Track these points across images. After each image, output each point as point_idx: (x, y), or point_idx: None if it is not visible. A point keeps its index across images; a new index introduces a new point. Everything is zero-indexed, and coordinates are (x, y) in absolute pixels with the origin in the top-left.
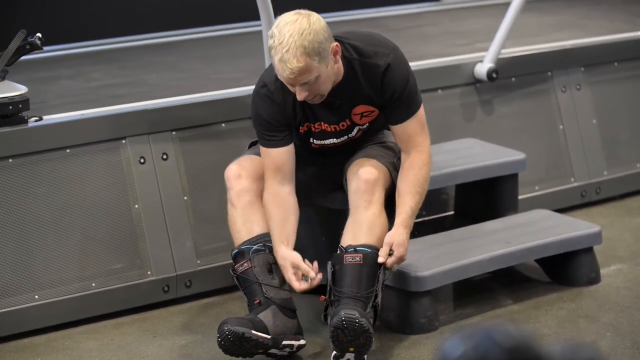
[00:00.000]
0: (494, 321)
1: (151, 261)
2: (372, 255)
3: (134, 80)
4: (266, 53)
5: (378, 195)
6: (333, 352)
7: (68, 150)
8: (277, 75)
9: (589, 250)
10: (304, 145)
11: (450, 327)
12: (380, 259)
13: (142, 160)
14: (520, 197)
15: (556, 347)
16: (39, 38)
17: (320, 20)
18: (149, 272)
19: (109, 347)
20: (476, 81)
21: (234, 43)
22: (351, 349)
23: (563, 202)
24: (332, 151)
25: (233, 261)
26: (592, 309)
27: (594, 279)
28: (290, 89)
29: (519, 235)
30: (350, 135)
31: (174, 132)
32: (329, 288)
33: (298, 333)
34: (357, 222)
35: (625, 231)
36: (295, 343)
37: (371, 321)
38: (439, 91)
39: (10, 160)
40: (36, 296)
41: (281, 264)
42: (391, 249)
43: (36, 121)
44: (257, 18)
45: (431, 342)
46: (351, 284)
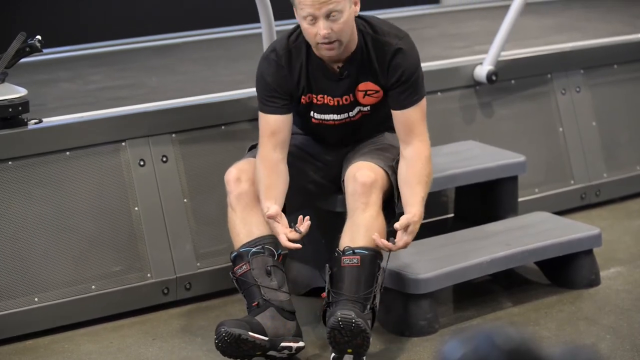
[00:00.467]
0: (494, 324)
1: (151, 264)
2: (370, 257)
3: (134, 82)
4: None
5: (375, 197)
6: (332, 354)
7: (68, 152)
8: (302, 10)
9: (589, 252)
10: (304, 120)
11: (450, 330)
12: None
13: (142, 162)
14: (520, 200)
15: (556, 350)
16: (39, 40)
17: None
18: (149, 275)
19: (109, 350)
20: (476, 83)
21: (234, 45)
22: (349, 350)
23: (563, 205)
24: (331, 133)
25: (232, 264)
26: (592, 312)
27: (594, 282)
28: (311, 33)
29: (519, 237)
30: (350, 114)
31: (174, 135)
32: (327, 290)
33: (297, 335)
34: (355, 225)
35: (625, 234)
36: (294, 345)
37: (369, 322)
38: (439, 94)
39: (10, 162)
40: (36, 299)
41: (269, 221)
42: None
43: (36, 124)
44: (257, 20)
45: (431, 345)
46: (349, 286)
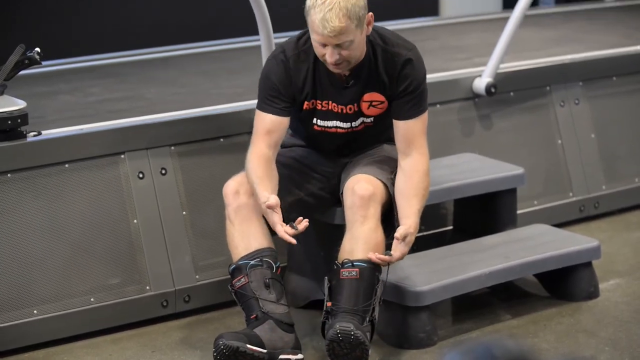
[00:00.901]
0: (493, 336)
1: (150, 276)
2: (369, 269)
3: (133, 95)
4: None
5: (374, 210)
6: None
7: (67, 165)
8: (313, 33)
9: (588, 265)
10: (305, 127)
11: (448, 342)
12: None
13: (141, 175)
14: (519, 212)
15: None
16: (38, 53)
17: None
18: (148, 287)
19: None
20: (475, 96)
21: (233, 58)
22: None
23: (562, 217)
24: (331, 142)
25: (230, 276)
26: (591, 324)
27: (593, 294)
28: (320, 52)
29: (518, 250)
30: (353, 124)
31: (173, 147)
32: (326, 303)
33: (296, 347)
34: (354, 238)
35: (624, 246)
36: (292, 357)
37: (368, 335)
38: (438, 106)
39: (9, 175)
40: (35, 311)
41: (266, 212)
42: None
43: (35, 136)
44: (256, 33)
45: (430, 358)
46: (348, 298)
